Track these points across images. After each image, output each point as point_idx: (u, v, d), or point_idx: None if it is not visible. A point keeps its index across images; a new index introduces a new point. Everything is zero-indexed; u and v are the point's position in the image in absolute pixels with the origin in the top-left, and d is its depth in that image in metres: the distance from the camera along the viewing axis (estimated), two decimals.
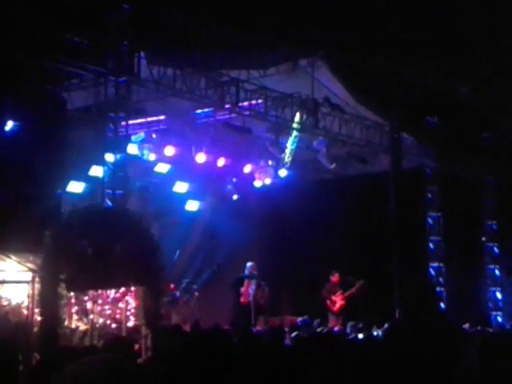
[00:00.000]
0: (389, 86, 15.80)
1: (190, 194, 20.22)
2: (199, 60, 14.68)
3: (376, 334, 13.54)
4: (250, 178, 19.63)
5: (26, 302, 11.34)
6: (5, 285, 11.50)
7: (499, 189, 20.27)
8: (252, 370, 4.58)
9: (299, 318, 15.88)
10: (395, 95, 16.08)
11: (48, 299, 10.82)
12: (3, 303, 11.45)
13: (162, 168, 18.21)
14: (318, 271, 18.16)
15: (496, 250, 20.49)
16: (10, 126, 12.68)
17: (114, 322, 11.55)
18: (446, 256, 19.71)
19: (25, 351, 10.34)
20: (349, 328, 14.77)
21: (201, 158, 17.68)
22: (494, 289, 20.38)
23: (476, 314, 18.45)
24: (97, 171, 15.40)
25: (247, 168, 19.32)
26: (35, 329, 11.02)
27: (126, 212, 12.86)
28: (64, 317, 11.22)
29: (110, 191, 13.52)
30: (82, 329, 11.54)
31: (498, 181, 20.30)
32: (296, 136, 17.68)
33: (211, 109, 16.23)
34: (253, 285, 16.55)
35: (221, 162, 18.39)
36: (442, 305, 18.86)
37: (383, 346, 5.08)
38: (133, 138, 16.42)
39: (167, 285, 15.94)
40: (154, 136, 17.20)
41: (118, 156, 13.65)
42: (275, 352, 5.47)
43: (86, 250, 10.78)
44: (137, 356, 8.52)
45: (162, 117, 16.89)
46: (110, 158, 13.68)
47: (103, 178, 13.88)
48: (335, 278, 17.55)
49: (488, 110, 17.51)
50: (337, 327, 15.31)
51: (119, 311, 11.56)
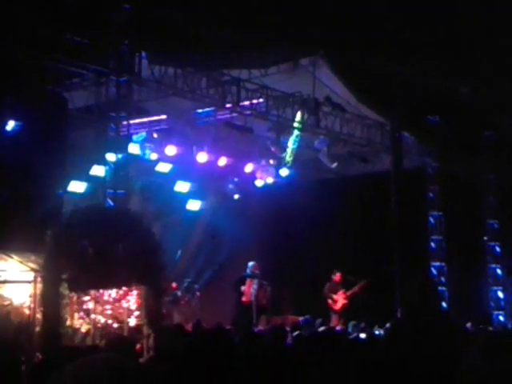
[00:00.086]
0: (389, 86, 15.79)
1: (192, 194, 20.22)
2: (200, 59, 14.66)
3: (378, 333, 13.53)
4: (252, 177, 19.63)
5: (27, 302, 11.33)
6: (6, 284, 11.49)
7: (500, 188, 20.24)
8: (254, 369, 4.58)
9: (301, 318, 15.85)
10: (396, 95, 16.07)
11: (50, 299, 10.83)
12: (5, 303, 11.44)
13: (164, 167, 18.20)
14: (320, 270, 18.13)
15: (497, 249, 20.45)
16: (11, 125, 12.68)
17: (115, 321, 11.55)
18: (447, 255, 19.69)
19: (27, 351, 10.34)
20: (350, 327, 14.73)
21: (202, 157, 17.67)
22: (495, 288, 20.35)
23: (478, 313, 18.44)
24: (98, 171, 15.40)
25: (248, 167, 19.31)
26: (37, 328, 11.03)
27: (128, 211, 12.88)
28: (66, 316, 11.23)
29: (111, 191, 13.52)
30: (83, 328, 11.54)
31: (499, 180, 20.27)
32: (297, 135, 17.68)
33: (212, 108, 16.22)
34: (255, 284, 16.55)
35: (222, 161, 18.37)
36: (443, 304, 18.86)
37: (385, 345, 5.08)
38: (134, 137, 16.41)
39: (169, 284, 15.93)
40: (155, 135, 17.19)
41: (120, 156, 13.65)
42: (277, 351, 5.47)
43: (88, 249, 10.79)
44: (138, 356, 8.52)
45: (164, 116, 16.89)
46: (111, 157, 13.68)
47: (105, 178, 13.89)
48: (337, 277, 17.51)
49: (488, 109, 17.50)
50: (338, 326, 15.28)
51: (121, 311, 11.56)
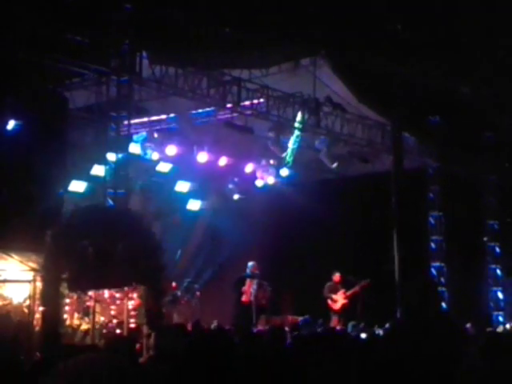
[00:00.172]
0: (390, 86, 15.77)
1: (192, 194, 20.23)
2: (201, 59, 14.66)
3: (378, 333, 13.51)
4: (252, 177, 19.62)
5: (27, 301, 11.34)
6: (6, 284, 11.50)
7: (501, 188, 20.25)
8: (253, 369, 4.58)
9: (300, 318, 15.86)
10: (396, 95, 16.06)
11: (50, 298, 10.84)
12: (5, 302, 11.45)
13: (164, 167, 18.20)
14: (320, 271, 18.12)
15: (497, 250, 20.45)
16: (11, 125, 12.68)
17: (115, 321, 11.56)
18: (447, 256, 19.68)
19: (26, 350, 10.35)
20: (350, 328, 14.72)
21: (202, 157, 17.67)
22: (495, 288, 20.35)
23: (477, 313, 18.43)
24: (98, 170, 15.41)
25: (249, 167, 19.31)
26: (37, 328, 11.04)
27: (128, 211, 12.90)
28: (65, 316, 11.25)
29: (111, 190, 13.51)
30: (83, 328, 11.56)
31: (499, 180, 20.28)
32: (298, 135, 17.67)
33: (213, 108, 16.21)
34: (254, 284, 16.54)
35: (222, 161, 18.37)
36: (443, 304, 18.85)
37: (385, 345, 5.08)
38: (134, 137, 16.40)
39: (169, 284, 15.94)
40: (155, 135, 17.18)
41: (120, 155, 13.64)
42: (277, 352, 5.47)
43: (88, 249, 10.80)
44: (138, 355, 8.51)
45: (164, 116, 16.88)
46: (111, 157, 13.67)
47: (105, 178, 13.88)
48: (336, 277, 17.50)
49: (488, 109, 17.49)
50: (338, 327, 15.27)
51: (120, 310, 11.57)
